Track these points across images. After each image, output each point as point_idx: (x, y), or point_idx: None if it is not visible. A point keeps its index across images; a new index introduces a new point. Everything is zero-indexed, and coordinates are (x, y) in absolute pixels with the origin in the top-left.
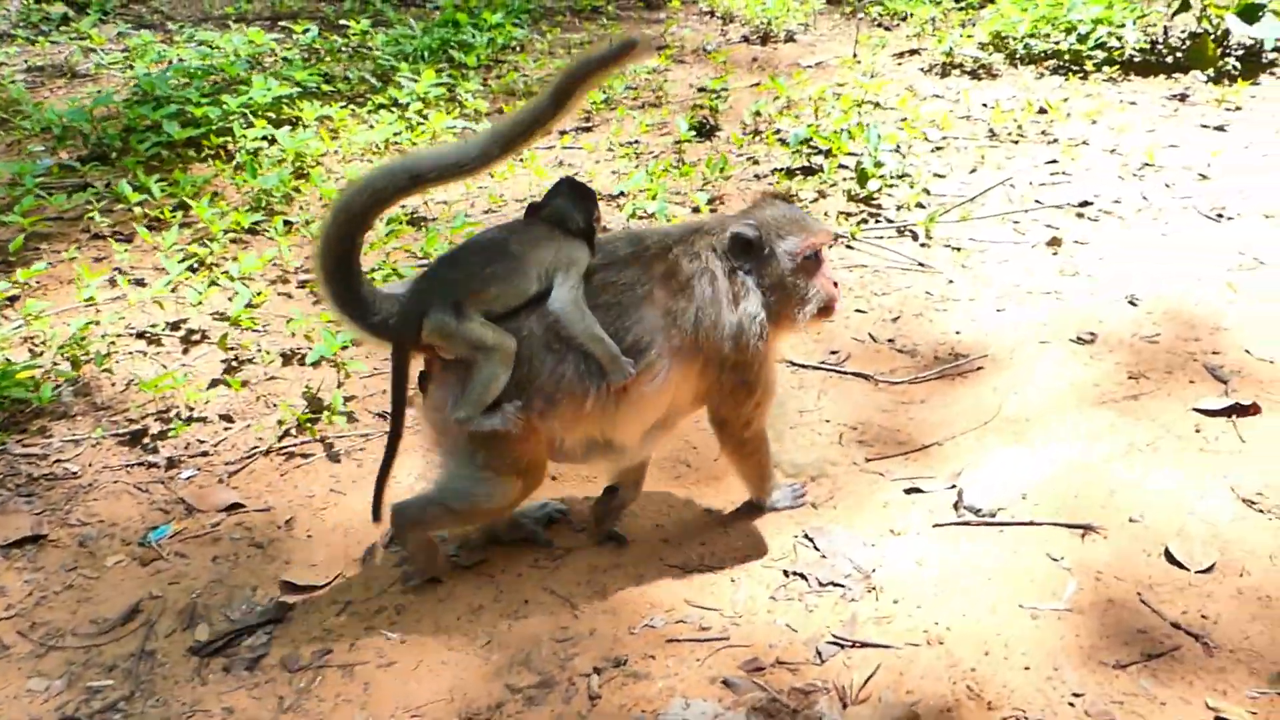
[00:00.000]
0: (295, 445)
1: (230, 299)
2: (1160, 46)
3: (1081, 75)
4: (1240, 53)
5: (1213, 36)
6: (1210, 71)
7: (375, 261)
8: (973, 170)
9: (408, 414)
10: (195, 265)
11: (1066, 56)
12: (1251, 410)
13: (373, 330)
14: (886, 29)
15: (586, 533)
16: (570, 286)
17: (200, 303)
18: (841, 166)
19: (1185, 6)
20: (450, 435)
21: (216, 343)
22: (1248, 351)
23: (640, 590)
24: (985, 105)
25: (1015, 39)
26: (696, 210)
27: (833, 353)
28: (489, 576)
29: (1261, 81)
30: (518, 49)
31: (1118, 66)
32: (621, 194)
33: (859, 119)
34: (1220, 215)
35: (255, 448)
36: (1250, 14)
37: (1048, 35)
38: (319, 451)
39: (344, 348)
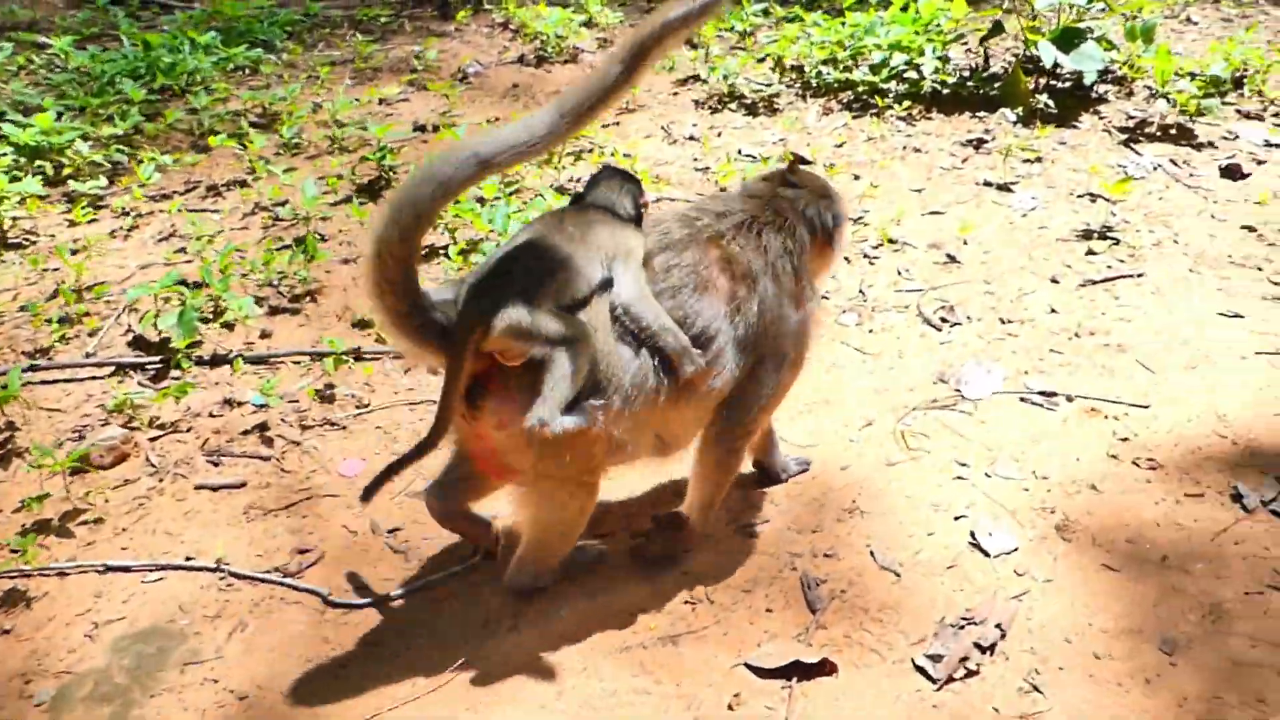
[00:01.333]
0: None
1: None
2: (970, 81)
3: (875, 112)
4: (1066, 85)
5: (1027, 68)
6: (1020, 110)
7: None
8: None
9: None
10: None
11: (862, 88)
12: (823, 669)
13: (431, 344)
14: (695, 46)
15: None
16: (633, 275)
17: None
18: (463, 252)
19: (998, 30)
20: (518, 448)
21: None
22: (872, 554)
23: None
24: (741, 153)
25: (809, 65)
26: (278, 308)
27: (301, 551)
28: None
29: (1081, 123)
30: (249, 71)
31: (917, 102)
32: (202, 284)
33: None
34: (945, 320)
35: None
36: (1068, 41)
37: (854, 61)
38: None
39: None
